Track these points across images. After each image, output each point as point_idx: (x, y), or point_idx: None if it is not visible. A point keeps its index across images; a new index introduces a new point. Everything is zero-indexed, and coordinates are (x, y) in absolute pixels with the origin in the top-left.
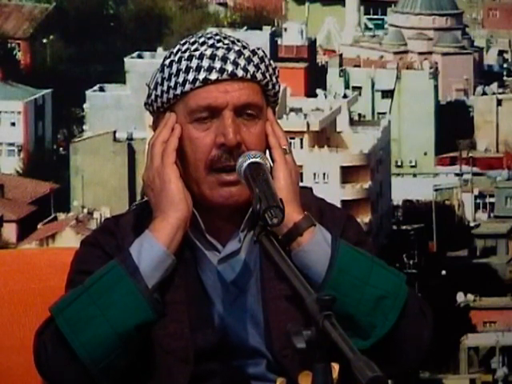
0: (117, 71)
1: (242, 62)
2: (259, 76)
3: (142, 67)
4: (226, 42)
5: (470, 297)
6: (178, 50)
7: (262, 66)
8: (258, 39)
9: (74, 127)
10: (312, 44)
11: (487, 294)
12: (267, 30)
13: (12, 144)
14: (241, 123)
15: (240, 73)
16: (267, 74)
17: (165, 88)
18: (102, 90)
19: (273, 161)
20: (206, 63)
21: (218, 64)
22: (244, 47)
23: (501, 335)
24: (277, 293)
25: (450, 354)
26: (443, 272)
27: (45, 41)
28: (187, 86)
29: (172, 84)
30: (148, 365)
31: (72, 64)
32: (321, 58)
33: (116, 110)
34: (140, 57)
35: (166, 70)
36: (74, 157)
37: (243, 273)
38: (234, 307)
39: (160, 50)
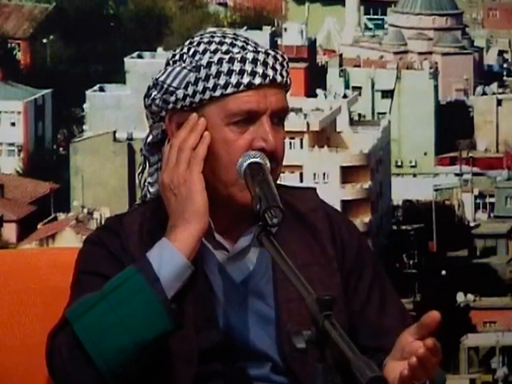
0: (117, 71)
1: (278, 67)
2: (288, 81)
3: (141, 67)
4: (253, 44)
5: (470, 297)
6: (205, 49)
7: (288, 71)
8: (258, 39)
9: (74, 127)
10: (312, 44)
11: (487, 294)
12: (267, 30)
13: (12, 144)
14: (273, 128)
15: (279, 78)
16: (289, 79)
17: (199, 88)
18: (102, 90)
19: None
20: (248, 67)
21: (260, 69)
22: (276, 52)
23: (501, 335)
24: (290, 294)
25: (450, 354)
26: (443, 272)
27: (45, 41)
28: (229, 89)
29: (210, 85)
30: (152, 365)
31: (72, 64)
32: (321, 58)
33: (116, 110)
34: (140, 57)
35: (203, 71)
36: (74, 157)
37: (254, 273)
38: (243, 308)
39: (160, 49)
